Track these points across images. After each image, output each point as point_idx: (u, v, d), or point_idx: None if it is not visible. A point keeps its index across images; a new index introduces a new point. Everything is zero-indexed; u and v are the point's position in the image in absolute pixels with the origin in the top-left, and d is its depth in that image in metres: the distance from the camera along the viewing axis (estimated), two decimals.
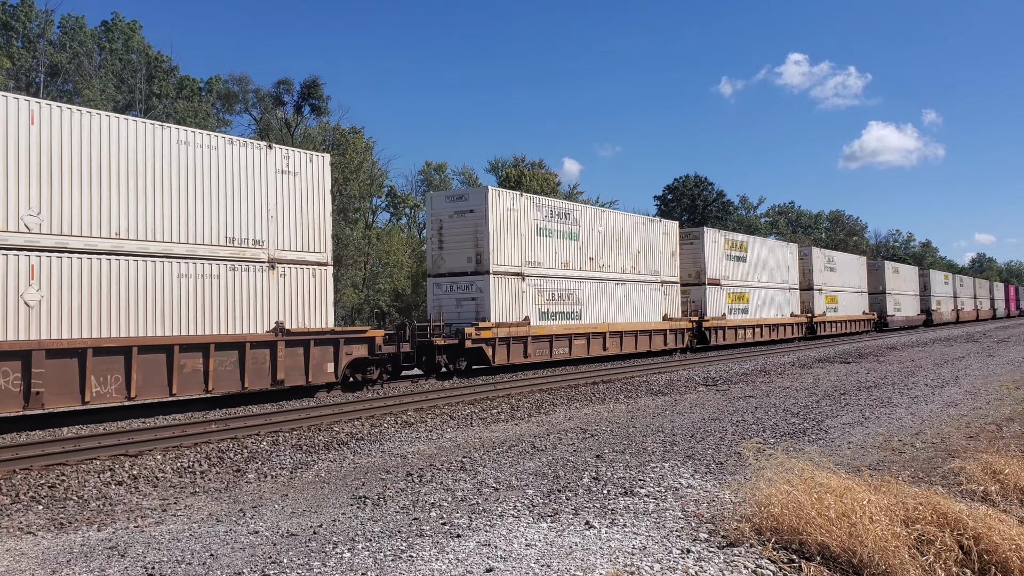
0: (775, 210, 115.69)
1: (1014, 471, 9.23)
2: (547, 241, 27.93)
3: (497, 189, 26.30)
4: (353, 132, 55.94)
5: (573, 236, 29.31)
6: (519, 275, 26.37)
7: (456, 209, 26.11)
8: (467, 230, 25.73)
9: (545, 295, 27.42)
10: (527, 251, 26.94)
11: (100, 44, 49.00)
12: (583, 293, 29.34)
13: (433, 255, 26.52)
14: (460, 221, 25.94)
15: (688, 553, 6.56)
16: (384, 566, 6.39)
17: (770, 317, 42.92)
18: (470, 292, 25.57)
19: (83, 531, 7.97)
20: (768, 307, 42.96)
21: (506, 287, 25.85)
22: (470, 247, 25.64)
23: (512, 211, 26.38)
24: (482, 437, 13.27)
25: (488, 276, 25.20)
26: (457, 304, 25.80)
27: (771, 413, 15.22)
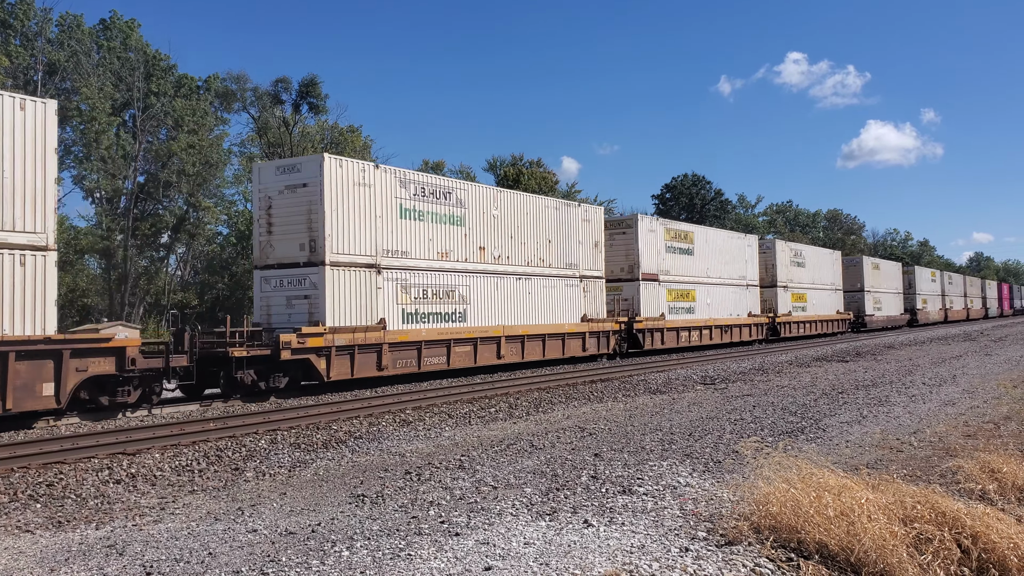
0: (773, 209, 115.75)
1: (1012, 470, 9.24)
2: (417, 226, 22.77)
3: (339, 157, 21.02)
4: (351, 131, 55.92)
5: (456, 220, 24.11)
6: (373, 267, 21.25)
7: (287, 183, 20.81)
8: (300, 209, 20.52)
9: (413, 292, 22.44)
10: (386, 237, 21.72)
11: (98, 42, 48.90)
12: (470, 290, 24.43)
13: (261, 241, 21.23)
14: (292, 198, 20.71)
15: (687, 551, 6.56)
16: (383, 564, 6.39)
17: (722, 317, 38.54)
18: (302, 288, 20.41)
19: (81, 529, 7.96)
20: (720, 306, 38.56)
21: (352, 282, 20.74)
22: (303, 231, 20.41)
23: (363, 186, 21.21)
24: (480, 435, 13.27)
25: (323, 268, 20.01)
26: (288, 303, 20.64)
27: (769, 412, 15.23)
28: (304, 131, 54.21)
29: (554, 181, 66.49)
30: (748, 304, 41.37)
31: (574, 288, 29.06)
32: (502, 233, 26.02)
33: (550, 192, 61.97)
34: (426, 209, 23.18)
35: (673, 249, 35.57)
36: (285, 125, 53.42)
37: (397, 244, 22.13)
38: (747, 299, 41.31)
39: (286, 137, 51.48)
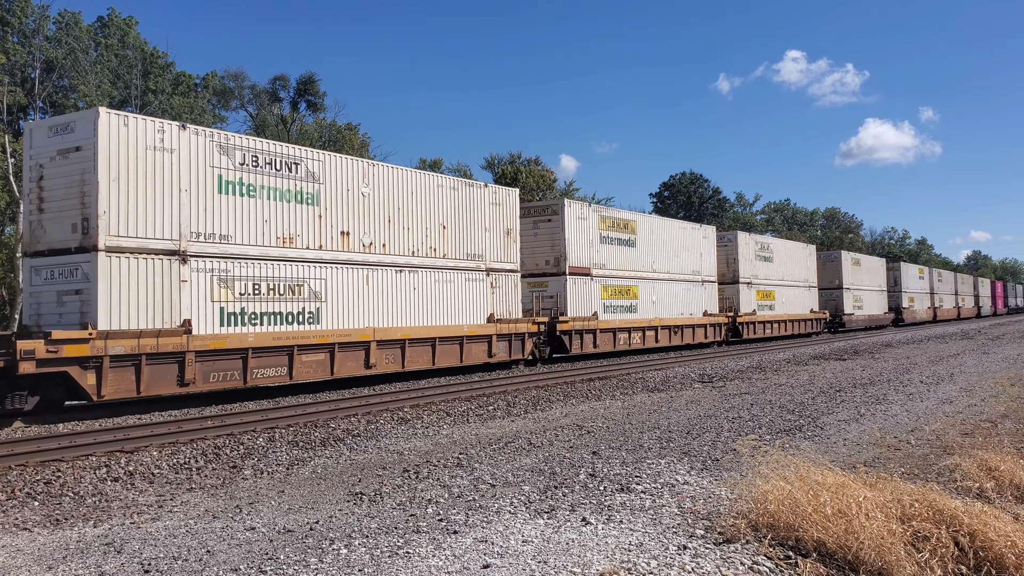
0: (771, 207, 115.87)
1: (1009, 468, 9.26)
2: (246, 203, 18.16)
3: (125, 114, 16.43)
4: (349, 129, 55.91)
5: (306, 199, 19.49)
6: (174, 254, 16.67)
7: (60, 146, 16.22)
8: (73, 180, 16.03)
9: (237, 287, 17.87)
10: (196, 217, 17.20)
11: (96, 40, 48.87)
12: (325, 284, 19.78)
13: (31, 222, 16.70)
14: (65, 166, 16.19)
15: (685, 549, 6.57)
16: (381, 562, 6.39)
17: (670, 317, 34.34)
18: (74, 280, 15.96)
19: (79, 527, 7.96)
20: (668, 304, 34.39)
21: (141, 273, 16.20)
22: (76, 208, 15.95)
23: (162, 151, 16.72)
24: (478, 433, 13.28)
25: (96, 254, 15.55)
26: (59, 300, 16.14)
27: (767, 410, 15.24)
28: (302, 129, 54.19)
29: (552, 179, 66.51)
30: (703, 302, 37.12)
31: (478, 283, 24.66)
32: (375, 216, 21.43)
33: (548, 191, 61.99)
34: (260, 183, 18.54)
35: (611, 240, 31.03)
36: (283, 123, 53.40)
37: (214, 226, 17.53)
38: (702, 297, 37.09)
39: (284, 135, 51.42)
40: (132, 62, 47.85)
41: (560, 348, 28.26)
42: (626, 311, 31.76)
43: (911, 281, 70.52)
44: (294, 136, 51.83)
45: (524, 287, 27.39)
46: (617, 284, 31.30)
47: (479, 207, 24.89)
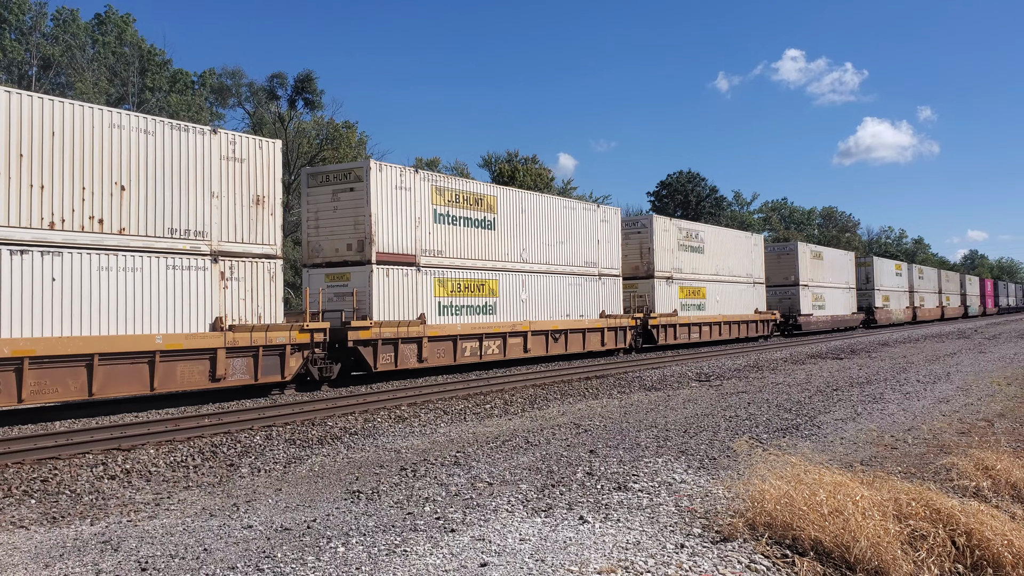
0: (768, 206, 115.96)
1: (1006, 467, 9.28)
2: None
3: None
4: (347, 127, 55.87)
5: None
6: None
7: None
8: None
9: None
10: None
11: (93, 37, 48.81)
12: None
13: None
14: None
15: (682, 548, 6.57)
16: (378, 560, 6.39)
17: (552, 320, 27.41)
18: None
19: (76, 525, 7.95)
20: (549, 303, 27.41)
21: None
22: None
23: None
24: (476, 432, 13.28)
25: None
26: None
27: (764, 409, 15.26)
28: (299, 127, 54.14)
29: (550, 178, 66.54)
30: (603, 302, 30.36)
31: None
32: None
33: (545, 189, 61.97)
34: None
35: (457, 220, 24.21)
36: (280, 121, 53.34)
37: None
38: (602, 294, 30.38)
39: (281, 133, 51.36)
40: (129, 59, 47.80)
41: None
42: (480, 314, 24.94)
43: (886, 278, 63.99)
44: (291, 134, 51.78)
45: None
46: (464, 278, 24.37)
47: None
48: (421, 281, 22.91)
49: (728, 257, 40.25)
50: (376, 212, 21.40)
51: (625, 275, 33.02)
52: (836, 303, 53.27)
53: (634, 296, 33.42)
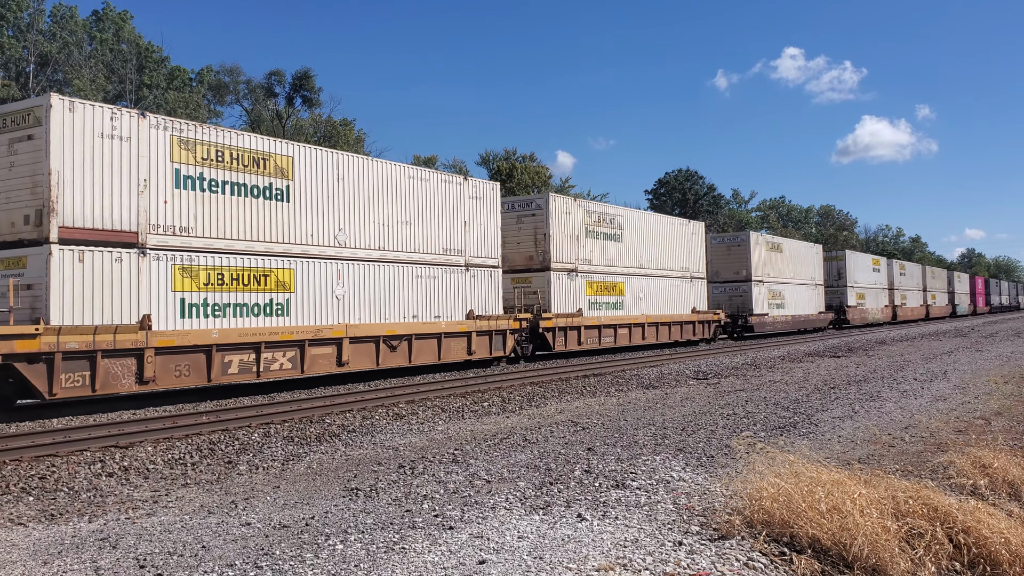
0: (766, 204, 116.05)
1: (1003, 465, 9.29)
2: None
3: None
4: (344, 124, 55.83)
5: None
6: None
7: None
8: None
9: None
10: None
11: (91, 34, 48.71)
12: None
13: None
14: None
15: (680, 546, 6.58)
16: (376, 558, 6.40)
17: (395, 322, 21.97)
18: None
19: (74, 522, 7.95)
20: (374, 302, 21.50)
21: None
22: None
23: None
24: (473, 429, 13.29)
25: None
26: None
27: (761, 407, 15.27)
28: (297, 124, 54.08)
29: (547, 175, 66.50)
30: (473, 299, 24.74)
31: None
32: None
33: (543, 188, 61.96)
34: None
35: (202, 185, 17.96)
36: (278, 118, 53.28)
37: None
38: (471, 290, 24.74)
39: (279, 130, 51.33)
40: (127, 57, 47.73)
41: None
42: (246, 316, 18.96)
43: (861, 273, 58.19)
44: (289, 131, 51.73)
45: None
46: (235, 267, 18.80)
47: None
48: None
49: (656, 247, 34.17)
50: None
51: (517, 267, 28.66)
52: (799, 301, 47.59)
53: (524, 293, 28.07)
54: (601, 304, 30.76)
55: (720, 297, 42.16)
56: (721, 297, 42.18)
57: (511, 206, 29.21)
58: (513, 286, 27.88)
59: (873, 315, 59.12)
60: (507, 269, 27.71)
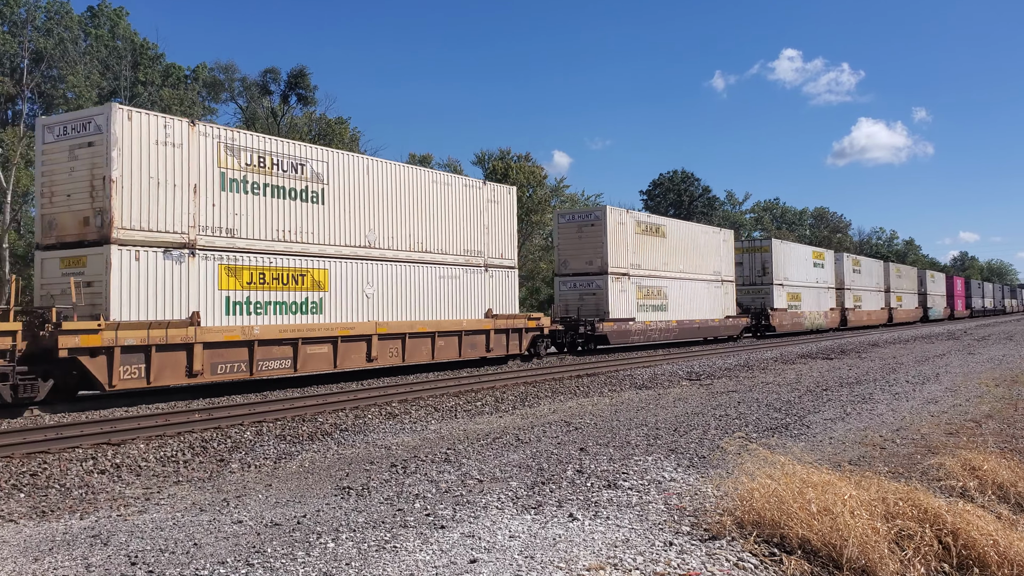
0: (760, 206, 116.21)
1: (992, 467, 9.34)
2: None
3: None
4: (339, 122, 55.77)
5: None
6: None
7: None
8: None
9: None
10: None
11: (86, 30, 48.60)
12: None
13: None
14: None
15: (670, 546, 6.60)
16: (368, 556, 6.41)
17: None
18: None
19: (65, 519, 7.94)
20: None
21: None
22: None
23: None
24: (466, 429, 13.29)
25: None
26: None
27: (753, 408, 15.31)
28: (292, 122, 54.02)
29: (542, 175, 66.50)
30: None
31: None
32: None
33: (539, 187, 61.95)
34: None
35: None
36: (273, 116, 53.22)
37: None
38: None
39: (274, 127, 51.26)
40: (122, 53, 47.63)
41: None
42: None
43: (794, 268, 47.50)
44: (283, 129, 51.66)
45: None
46: None
47: None
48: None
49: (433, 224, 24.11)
50: None
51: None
52: (693, 302, 36.93)
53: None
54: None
55: (568, 295, 31.94)
56: (570, 295, 31.84)
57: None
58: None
59: (812, 320, 49.31)
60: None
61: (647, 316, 33.56)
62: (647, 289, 33.87)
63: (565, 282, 32.30)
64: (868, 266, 62.86)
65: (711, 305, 38.47)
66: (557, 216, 34.15)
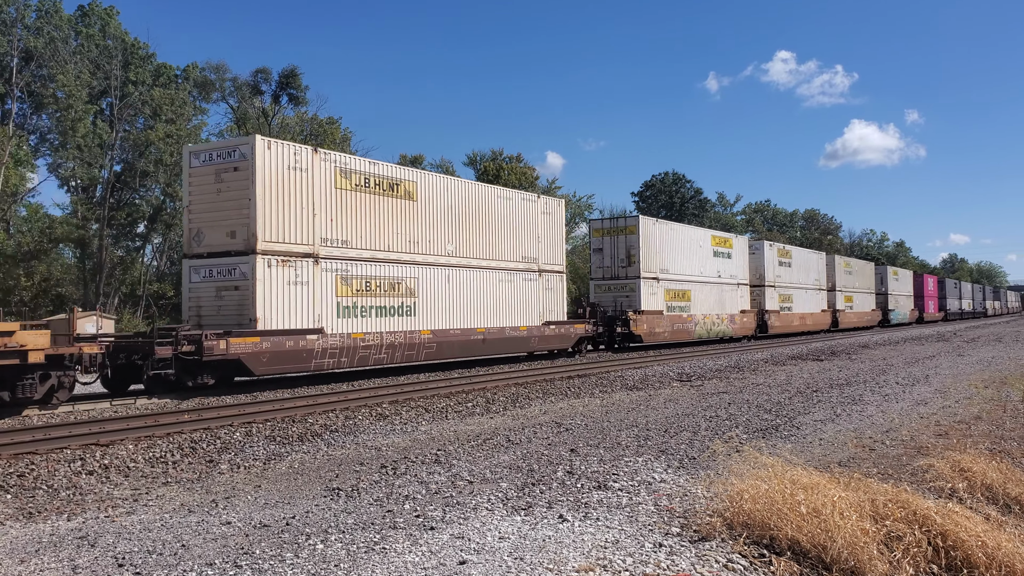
0: (751, 208, 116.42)
1: (981, 469, 9.37)
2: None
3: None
4: (330, 123, 55.64)
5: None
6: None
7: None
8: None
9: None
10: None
11: (76, 29, 48.38)
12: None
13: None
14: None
15: (660, 547, 6.60)
16: (357, 558, 6.39)
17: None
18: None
19: (52, 520, 7.90)
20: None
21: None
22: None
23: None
24: (457, 430, 13.27)
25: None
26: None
27: (744, 409, 15.33)
28: (283, 122, 53.88)
29: (534, 177, 66.53)
30: None
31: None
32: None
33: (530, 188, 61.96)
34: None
35: None
36: (264, 116, 53.08)
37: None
38: None
39: (265, 128, 51.12)
40: (112, 52, 47.42)
41: None
42: None
43: (677, 259, 37.02)
44: (275, 130, 51.53)
45: None
46: None
47: None
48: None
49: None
50: None
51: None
52: (494, 303, 26.28)
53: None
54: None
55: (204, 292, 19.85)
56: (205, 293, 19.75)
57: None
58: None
59: (708, 326, 38.80)
60: None
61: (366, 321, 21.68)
62: (369, 279, 21.95)
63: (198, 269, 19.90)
64: (803, 258, 50.87)
65: (529, 309, 27.89)
66: (188, 155, 20.39)
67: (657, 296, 35.24)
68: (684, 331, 36.92)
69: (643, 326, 33.39)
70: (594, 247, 36.08)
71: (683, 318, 36.94)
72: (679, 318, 36.65)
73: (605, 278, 35.39)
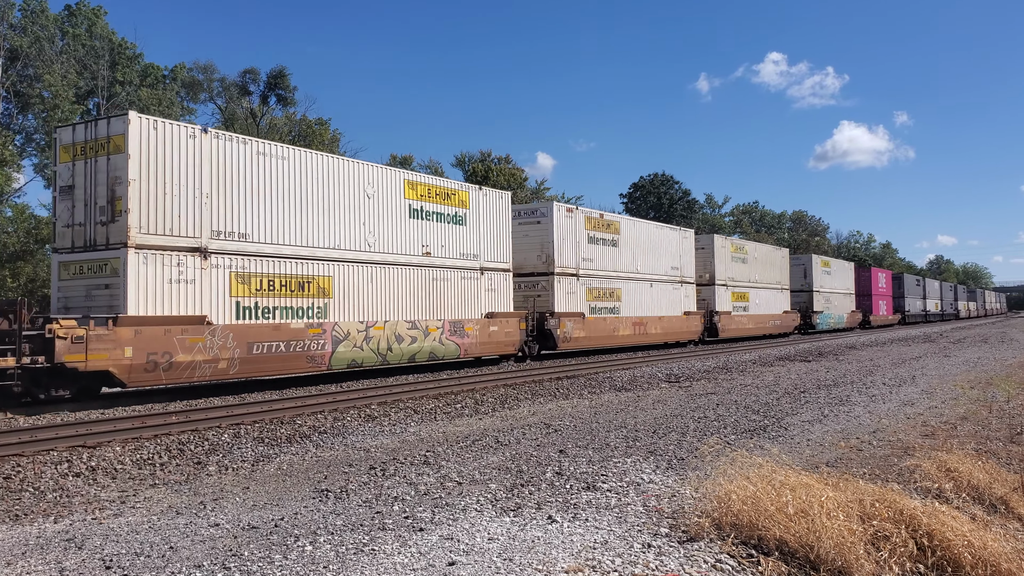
0: (740, 209, 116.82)
1: (967, 469, 9.43)
2: None
3: None
4: (319, 124, 55.55)
5: None
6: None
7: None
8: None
9: None
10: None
11: (63, 29, 48.13)
12: None
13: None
14: None
15: (649, 548, 6.62)
16: (346, 559, 6.38)
17: None
18: None
19: (39, 523, 7.86)
20: None
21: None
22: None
23: None
24: (446, 431, 13.27)
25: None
26: None
27: (732, 410, 15.37)
28: (272, 123, 53.76)
29: (523, 178, 66.58)
30: None
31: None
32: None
33: (518, 189, 61.97)
34: None
35: None
36: (252, 116, 52.93)
37: None
38: None
39: (253, 128, 50.98)
40: (99, 52, 47.20)
41: None
42: None
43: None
44: (263, 130, 51.40)
45: None
46: None
47: None
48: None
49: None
50: None
51: None
52: None
53: None
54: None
55: None
56: None
57: None
58: None
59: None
60: None
61: None
62: None
63: None
64: (658, 237, 36.32)
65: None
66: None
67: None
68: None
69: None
70: None
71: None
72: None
73: None
